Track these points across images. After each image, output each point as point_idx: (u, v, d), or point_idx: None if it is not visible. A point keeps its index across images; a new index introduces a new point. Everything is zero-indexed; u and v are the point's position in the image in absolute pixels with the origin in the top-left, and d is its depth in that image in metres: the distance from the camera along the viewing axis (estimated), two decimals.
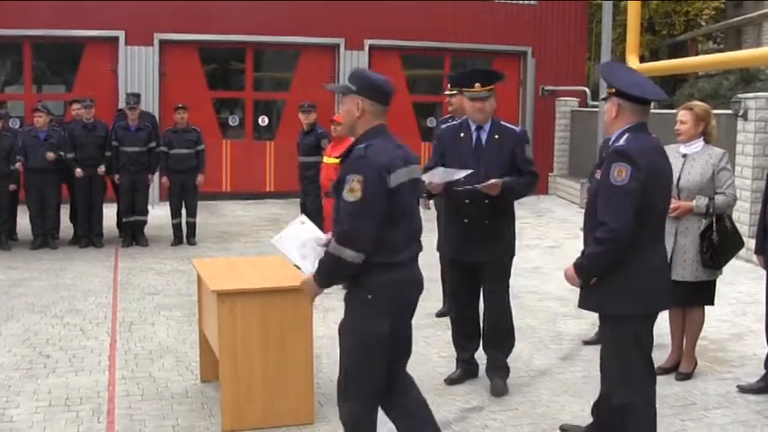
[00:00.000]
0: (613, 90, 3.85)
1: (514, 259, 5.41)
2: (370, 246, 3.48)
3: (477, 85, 5.04)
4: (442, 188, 5.07)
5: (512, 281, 5.43)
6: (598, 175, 3.85)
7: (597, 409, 4.35)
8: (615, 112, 3.86)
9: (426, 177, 4.96)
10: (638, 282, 3.83)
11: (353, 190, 3.43)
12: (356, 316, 3.63)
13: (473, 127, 5.14)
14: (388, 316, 3.59)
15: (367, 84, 3.62)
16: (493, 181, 4.92)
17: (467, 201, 5.06)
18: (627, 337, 3.87)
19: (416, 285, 3.73)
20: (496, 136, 5.10)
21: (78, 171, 10.10)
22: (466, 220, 5.13)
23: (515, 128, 5.21)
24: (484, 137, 5.11)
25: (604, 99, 3.97)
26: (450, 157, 5.15)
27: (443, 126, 5.84)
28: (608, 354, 3.97)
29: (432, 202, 7.42)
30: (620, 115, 3.86)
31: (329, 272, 3.59)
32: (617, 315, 3.87)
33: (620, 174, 3.66)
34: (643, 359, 3.92)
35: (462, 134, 5.17)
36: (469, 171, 4.93)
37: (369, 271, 3.53)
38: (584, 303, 4.03)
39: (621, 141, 3.78)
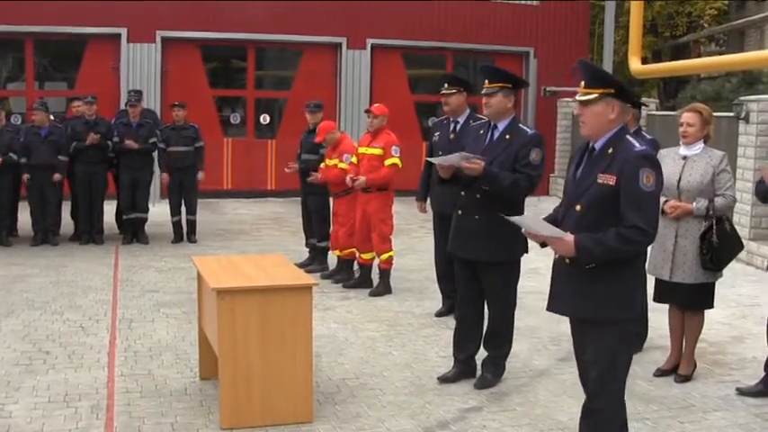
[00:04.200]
0: (613, 90, 3.60)
1: None
2: None
3: (486, 81, 5.15)
4: (451, 173, 5.04)
5: None
6: (605, 179, 3.56)
7: None
8: (615, 113, 3.62)
9: (438, 160, 5.08)
10: (640, 285, 3.83)
11: None
12: None
13: (491, 125, 5.22)
14: None
15: None
16: (467, 159, 4.88)
17: (461, 193, 5.17)
18: (627, 340, 3.70)
19: None
20: (508, 136, 5.11)
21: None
22: (459, 212, 5.23)
23: (528, 130, 5.14)
24: (496, 135, 5.16)
25: (589, 101, 3.62)
26: (466, 150, 5.17)
27: (474, 123, 5.91)
28: (604, 359, 3.66)
29: (428, 204, 7.44)
30: (618, 116, 3.63)
31: None
32: (623, 319, 3.65)
33: (649, 179, 3.51)
34: (630, 361, 3.81)
35: (482, 131, 5.27)
36: (462, 153, 4.96)
37: None
38: (576, 311, 3.74)
39: (640, 146, 3.59)
